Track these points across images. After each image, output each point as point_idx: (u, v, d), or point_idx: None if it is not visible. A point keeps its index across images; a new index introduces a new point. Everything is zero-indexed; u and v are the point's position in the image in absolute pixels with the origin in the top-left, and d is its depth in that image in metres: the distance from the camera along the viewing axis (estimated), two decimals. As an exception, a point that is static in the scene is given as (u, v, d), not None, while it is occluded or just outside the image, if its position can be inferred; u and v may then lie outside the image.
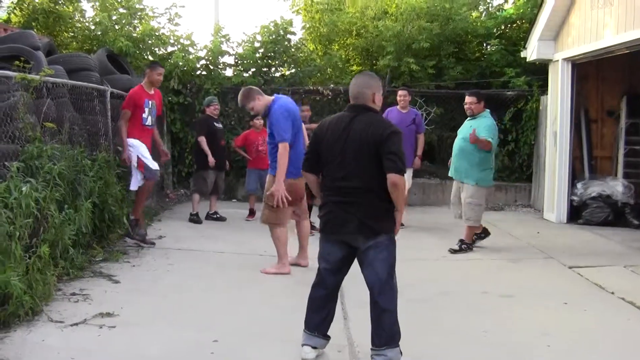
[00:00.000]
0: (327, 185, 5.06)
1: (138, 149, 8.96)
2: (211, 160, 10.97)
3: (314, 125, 6.88)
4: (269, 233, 8.31)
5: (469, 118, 9.46)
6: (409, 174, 11.18)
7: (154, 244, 9.15)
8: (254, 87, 8.33)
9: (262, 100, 7.86)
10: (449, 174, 9.64)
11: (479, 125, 9.07)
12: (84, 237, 7.75)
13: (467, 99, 9.40)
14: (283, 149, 7.52)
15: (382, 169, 4.74)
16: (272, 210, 7.78)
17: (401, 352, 4.89)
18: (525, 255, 9.15)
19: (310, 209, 9.37)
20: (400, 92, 11.31)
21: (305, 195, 8.20)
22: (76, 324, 5.66)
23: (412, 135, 11.09)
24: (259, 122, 11.60)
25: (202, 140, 11.14)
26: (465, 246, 9.26)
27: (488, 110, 9.41)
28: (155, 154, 9.47)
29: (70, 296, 6.45)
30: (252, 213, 11.83)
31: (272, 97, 7.92)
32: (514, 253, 9.27)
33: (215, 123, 11.54)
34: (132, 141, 8.96)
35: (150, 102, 9.06)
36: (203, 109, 11.84)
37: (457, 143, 9.43)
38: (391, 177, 4.69)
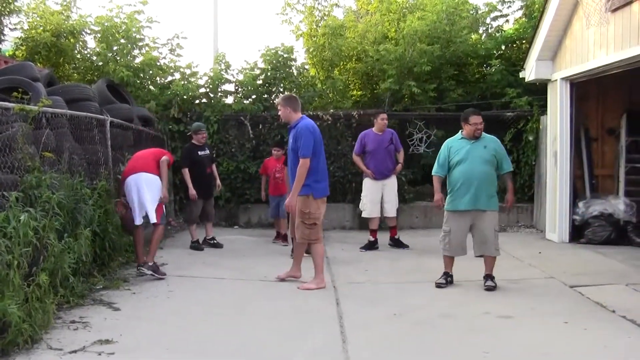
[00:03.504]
0: None
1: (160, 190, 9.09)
2: (191, 192, 11.02)
3: None
4: (268, 259, 8.50)
5: (472, 141, 8.47)
6: (392, 191, 11.44)
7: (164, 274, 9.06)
8: (295, 97, 8.72)
9: (290, 114, 8.40)
10: (463, 207, 8.42)
11: (495, 149, 8.46)
12: (84, 265, 7.78)
13: (477, 119, 8.46)
14: (303, 164, 8.06)
15: None
16: (310, 227, 8.24)
17: None
18: (526, 275, 9.12)
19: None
20: (383, 115, 11.46)
21: None
22: (75, 352, 5.66)
23: (392, 155, 11.42)
24: (277, 152, 11.91)
25: (185, 172, 11.16)
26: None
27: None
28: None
29: (69, 324, 6.46)
30: (279, 236, 11.85)
31: (301, 116, 8.40)
32: (515, 274, 9.19)
33: (199, 152, 11.44)
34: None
35: None
36: (190, 135, 11.79)
37: (478, 169, 8.35)
38: None
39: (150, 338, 6.19)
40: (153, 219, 8.92)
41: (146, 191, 8.86)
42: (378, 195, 11.30)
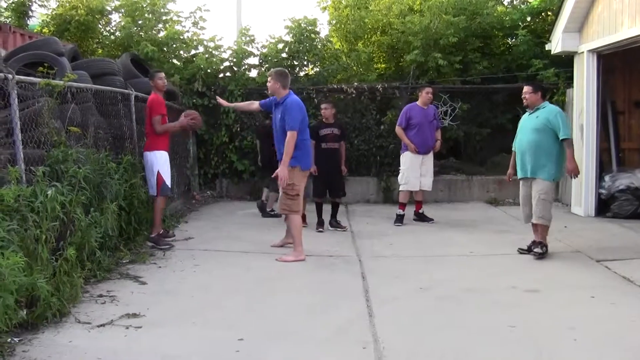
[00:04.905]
0: None
1: (161, 163, 9.20)
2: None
3: None
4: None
5: (529, 112, 8.80)
6: (430, 165, 11.52)
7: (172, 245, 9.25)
8: (287, 74, 8.73)
9: (279, 89, 8.49)
10: (519, 175, 8.83)
11: (546, 117, 8.46)
12: (110, 240, 7.86)
13: (525, 88, 8.80)
14: (291, 136, 8.24)
15: None
16: (292, 199, 8.45)
17: None
18: (552, 249, 8.98)
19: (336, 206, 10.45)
20: (428, 89, 11.36)
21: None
22: (103, 325, 5.72)
23: (435, 130, 11.43)
24: None
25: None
26: (545, 248, 8.66)
27: (547, 101, 8.88)
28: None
29: (97, 298, 6.53)
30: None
31: (288, 92, 8.53)
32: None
33: None
34: (158, 153, 9.17)
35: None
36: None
37: (527, 138, 8.62)
38: None
39: (177, 312, 6.24)
40: (153, 192, 9.20)
41: (146, 169, 9.27)
42: (418, 170, 11.28)
